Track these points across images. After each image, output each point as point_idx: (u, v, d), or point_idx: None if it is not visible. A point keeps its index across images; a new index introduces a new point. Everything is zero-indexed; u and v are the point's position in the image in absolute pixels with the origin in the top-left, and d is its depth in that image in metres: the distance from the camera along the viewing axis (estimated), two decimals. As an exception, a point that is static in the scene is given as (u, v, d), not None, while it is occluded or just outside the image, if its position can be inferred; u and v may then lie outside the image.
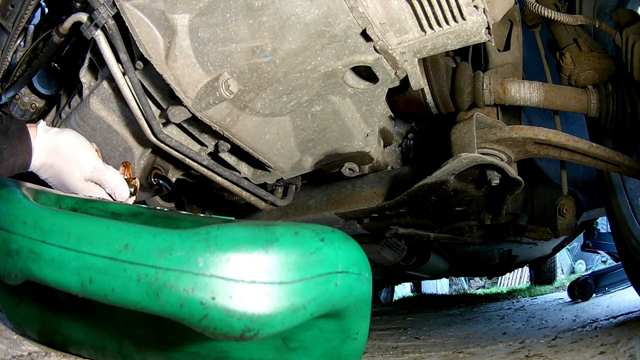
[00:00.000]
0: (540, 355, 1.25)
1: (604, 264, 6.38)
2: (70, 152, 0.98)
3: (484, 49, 1.53)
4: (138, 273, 0.63)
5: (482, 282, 10.47)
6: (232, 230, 0.65)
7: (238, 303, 0.61)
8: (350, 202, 1.74)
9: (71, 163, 0.98)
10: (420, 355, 1.52)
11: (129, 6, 1.05)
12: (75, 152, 0.99)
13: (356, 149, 1.38)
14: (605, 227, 4.33)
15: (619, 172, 1.38)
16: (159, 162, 1.46)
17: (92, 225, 0.69)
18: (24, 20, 1.37)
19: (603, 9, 1.54)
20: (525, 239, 2.68)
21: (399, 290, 8.02)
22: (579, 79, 1.38)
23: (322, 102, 1.26)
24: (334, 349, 0.81)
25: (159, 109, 1.25)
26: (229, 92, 1.08)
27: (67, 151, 0.98)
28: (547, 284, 5.49)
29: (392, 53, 1.09)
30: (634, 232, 1.52)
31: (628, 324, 1.60)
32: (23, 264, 0.71)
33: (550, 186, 1.87)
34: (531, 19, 1.57)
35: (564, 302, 3.40)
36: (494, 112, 1.46)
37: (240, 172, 1.47)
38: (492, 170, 1.33)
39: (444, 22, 1.04)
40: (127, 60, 1.11)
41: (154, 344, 0.85)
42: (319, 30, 1.04)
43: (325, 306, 0.68)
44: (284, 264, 0.64)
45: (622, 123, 1.32)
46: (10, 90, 1.52)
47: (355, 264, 0.72)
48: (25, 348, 0.90)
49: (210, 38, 1.08)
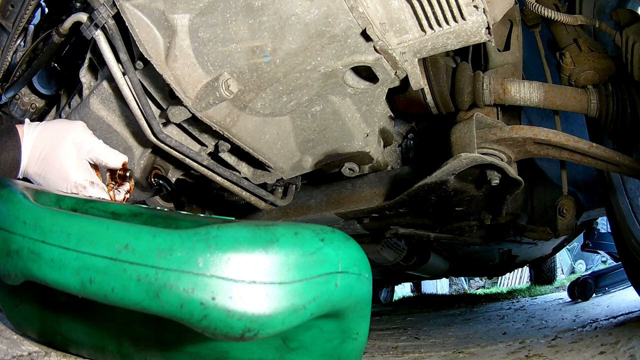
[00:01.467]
0: (540, 355, 1.25)
1: (604, 264, 6.38)
2: (57, 134, 1.01)
3: (484, 49, 1.53)
4: (138, 273, 0.63)
5: (482, 282, 10.48)
6: (232, 230, 0.65)
7: (238, 303, 0.61)
8: (350, 202, 1.74)
9: (62, 144, 1.00)
10: (420, 355, 1.52)
11: (129, 6, 1.05)
12: (63, 132, 1.01)
13: (356, 149, 1.38)
14: (605, 227, 4.34)
15: (619, 172, 1.38)
16: (159, 162, 1.46)
17: (92, 225, 0.69)
18: (24, 20, 1.37)
19: (603, 9, 1.54)
20: (525, 239, 2.69)
21: (399, 290, 8.02)
22: (579, 79, 1.38)
23: (322, 102, 1.26)
24: (334, 349, 0.81)
25: (159, 109, 1.25)
26: (229, 92, 1.08)
27: (55, 134, 1.01)
28: (547, 284, 5.49)
29: (392, 53, 1.09)
30: (634, 232, 1.52)
31: (628, 324, 1.60)
32: (23, 264, 0.71)
33: (550, 186, 1.86)
34: (531, 19, 1.57)
35: (564, 302, 3.40)
36: (494, 112, 1.46)
37: (240, 172, 1.47)
38: (492, 170, 1.32)
39: (444, 22, 1.04)
40: (127, 60, 1.11)
41: (154, 344, 0.85)
42: (319, 30, 1.04)
43: (325, 306, 0.68)
44: (284, 264, 0.64)
45: (622, 123, 1.32)
46: (10, 90, 1.52)
47: (356, 264, 0.72)
48: (25, 348, 0.90)
49: (210, 38, 1.08)
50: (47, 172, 1.00)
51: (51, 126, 1.03)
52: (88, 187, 1.02)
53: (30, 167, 1.00)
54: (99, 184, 1.04)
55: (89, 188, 1.02)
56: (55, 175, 1.00)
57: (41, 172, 1.00)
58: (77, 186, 1.01)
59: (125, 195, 1.11)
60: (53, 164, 1.00)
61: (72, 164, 1.01)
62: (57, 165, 1.00)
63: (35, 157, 1.00)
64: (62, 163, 1.00)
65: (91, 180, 1.03)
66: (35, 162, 1.00)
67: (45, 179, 1.00)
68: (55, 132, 1.02)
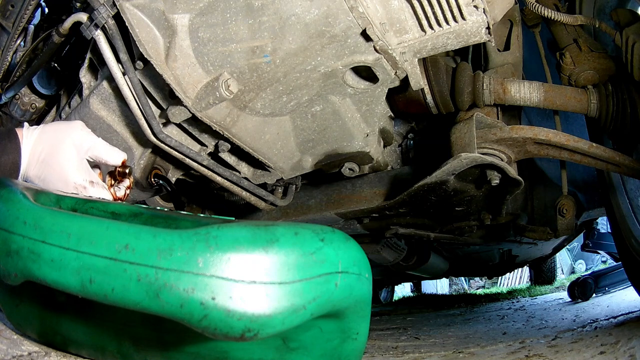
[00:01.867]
0: (540, 355, 1.25)
1: (604, 264, 6.38)
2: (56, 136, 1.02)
3: (484, 49, 1.53)
4: (138, 273, 0.63)
5: (482, 282, 10.48)
6: (232, 230, 0.65)
7: (238, 303, 0.61)
8: (350, 202, 1.74)
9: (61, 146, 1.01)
10: (420, 355, 1.52)
11: (129, 6, 1.05)
12: (62, 134, 1.02)
13: (356, 149, 1.38)
14: (605, 227, 4.33)
15: (619, 172, 1.38)
16: (159, 162, 1.46)
17: (92, 225, 0.69)
18: (24, 20, 1.37)
19: (603, 9, 1.54)
20: (525, 239, 2.68)
21: (399, 290, 8.02)
22: (579, 79, 1.38)
23: (322, 102, 1.26)
24: (334, 349, 0.81)
25: (159, 109, 1.25)
26: (229, 92, 1.08)
27: (53, 136, 1.01)
28: (547, 284, 5.49)
29: (392, 53, 1.09)
30: (634, 232, 1.52)
31: (628, 324, 1.60)
32: (23, 264, 0.71)
33: (550, 186, 1.86)
34: (531, 19, 1.57)
35: (564, 302, 3.40)
36: (494, 112, 1.46)
37: (240, 172, 1.47)
38: (492, 170, 1.32)
39: (444, 22, 1.04)
40: (127, 60, 1.11)
41: (154, 344, 0.85)
42: (319, 30, 1.04)
43: (325, 306, 0.68)
44: (284, 264, 0.64)
45: (622, 123, 1.32)
46: (10, 90, 1.52)
47: (355, 264, 0.72)
48: (25, 348, 0.90)
49: (210, 38, 1.08)
50: (47, 174, 1.00)
51: (50, 128, 1.03)
52: (88, 187, 1.02)
53: (30, 170, 1.00)
54: (99, 183, 1.05)
55: (89, 188, 1.03)
56: (55, 177, 1.00)
57: (41, 175, 1.00)
58: (77, 187, 1.01)
59: (126, 192, 1.11)
60: (53, 166, 1.00)
61: (72, 165, 1.01)
62: (57, 167, 1.00)
63: (34, 160, 1.00)
64: (61, 165, 1.00)
65: (91, 180, 1.03)
66: (35, 165, 1.00)
67: (45, 181, 1.01)
68: (54, 133, 1.02)
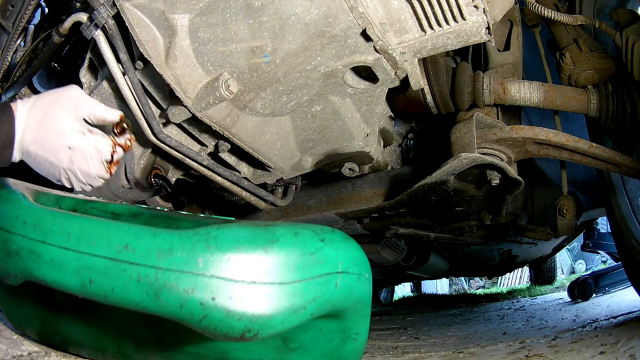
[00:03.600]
0: (540, 355, 1.25)
1: (604, 264, 6.38)
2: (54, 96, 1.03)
3: (484, 49, 1.53)
4: (138, 273, 0.63)
5: (482, 282, 10.48)
6: (232, 230, 0.65)
7: (238, 303, 0.61)
8: (350, 202, 1.74)
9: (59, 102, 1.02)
10: (420, 355, 1.52)
11: (129, 6, 1.05)
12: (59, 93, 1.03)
13: (356, 149, 1.38)
14: (605, 227, 4.33)
15: (619, 172, 1.38)
16: (159, 162, 1.46)
17: (92, 225, 0.69)
18: (24, 20, 1.37)
19: (603, 9, 1.54)
20: (525, 239, 2.69)
21: (399, 290, 8.02)
22: (579, 79, 1.38)
23: (322, 102, 1.26)
24: (334, 349, 0.81)
25: (159, 109, 1.25)
26: (229, 92, 1.08)
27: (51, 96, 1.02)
28: (547, 284, 5.49)
29: (392, 53, 1.09)
30: (634, 232, 1.52)
31: (628, 324, 1.60)
32: (23, 264, 0.71)
33: (550, 186, 1.86)
34: (531, 19, 1.57)
35: (564, 302, 3.40)
36: (494, 112, 1.46)
37: (240, 172, 1.47)
38: (492, 170, 1.32)
39: (444, 22, 1.04)
40: (127, 60, 1.11)
41: (154, 344, 0.85)
42: (319, 30, 1.04)
43: (325, 306, 0.68)
44: (284, 264, 0.64)
45: (622, 123, 1.32)
46: (10, 90, 1.52)
47: (355, 264, 0.72)
48: (25, 348, 0.90)
49: (210, 38, 1.08)
50: (44, 132, 0.99)
51: (46, 94, 1.04)
52: (87, 133, 1.03)
53: (26, 136, 0.98)
54: (98, 132, 1.05)
55: (88, 135, 1.03)
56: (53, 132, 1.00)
57: (37, 136, 0.99)
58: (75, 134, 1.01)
59: (127, 143, 1.11)
60: (50, 122, 1.00)
61: (69, 116, 1.02)
62: (54, 122, 1.00)
63: (31, 123, 0.99)
64: (59, 117, 1.00)
65: (89, 129, 1.04)
66: (32, 128, 0.99)
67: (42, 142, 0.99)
68: (49, 96, 1.03)
